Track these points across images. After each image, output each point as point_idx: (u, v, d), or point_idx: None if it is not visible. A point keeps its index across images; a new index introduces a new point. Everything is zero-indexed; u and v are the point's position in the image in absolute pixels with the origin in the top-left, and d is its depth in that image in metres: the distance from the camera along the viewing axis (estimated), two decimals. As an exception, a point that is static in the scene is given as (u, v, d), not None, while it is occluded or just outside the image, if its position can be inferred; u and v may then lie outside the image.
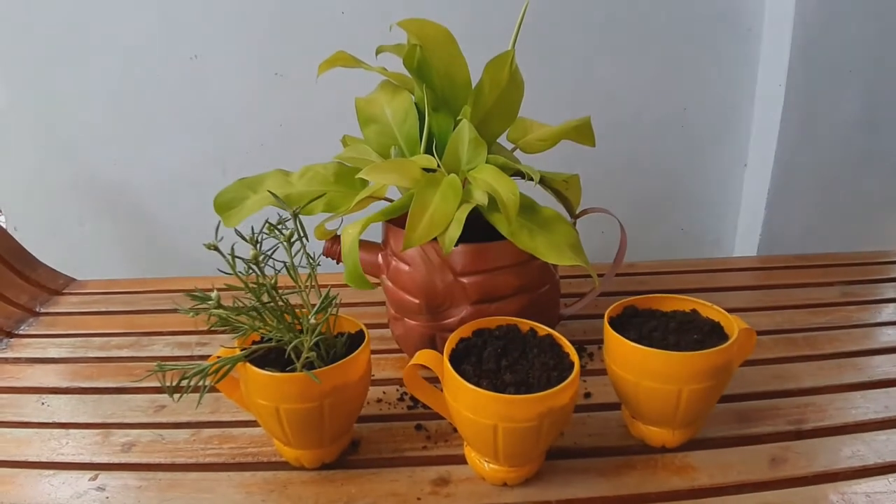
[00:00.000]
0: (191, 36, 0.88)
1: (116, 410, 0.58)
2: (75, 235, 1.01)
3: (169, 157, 0.95)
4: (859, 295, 0.77)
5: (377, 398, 0.59)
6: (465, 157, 0.54)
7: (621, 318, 0.52)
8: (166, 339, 0.71)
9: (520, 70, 0.58)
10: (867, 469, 0.48)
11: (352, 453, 0.52)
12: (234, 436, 0.54)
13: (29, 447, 0.54)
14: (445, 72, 0.56)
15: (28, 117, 0.93)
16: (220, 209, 0.57)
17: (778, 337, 0.68)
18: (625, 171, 1.00)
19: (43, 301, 0.81)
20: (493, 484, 0.47)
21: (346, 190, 0.58)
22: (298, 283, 0.47)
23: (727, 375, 0.47)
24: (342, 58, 0.60)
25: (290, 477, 0.49)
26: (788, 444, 0.51)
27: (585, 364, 0.63)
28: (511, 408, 0.41)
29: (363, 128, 0.61)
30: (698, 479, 0.48)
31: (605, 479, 0.48)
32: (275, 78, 0.91)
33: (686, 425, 0.50)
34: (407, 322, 0.59)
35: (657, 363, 0.45)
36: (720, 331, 0.50)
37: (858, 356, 0.64)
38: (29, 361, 0.68)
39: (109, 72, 0.90)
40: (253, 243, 0.44)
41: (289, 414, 0.45)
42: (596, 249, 0.69)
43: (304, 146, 0.95)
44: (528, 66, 0.60)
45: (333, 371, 0.44)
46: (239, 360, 0.45)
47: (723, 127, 0.97)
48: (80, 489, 0.49)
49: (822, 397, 0.57)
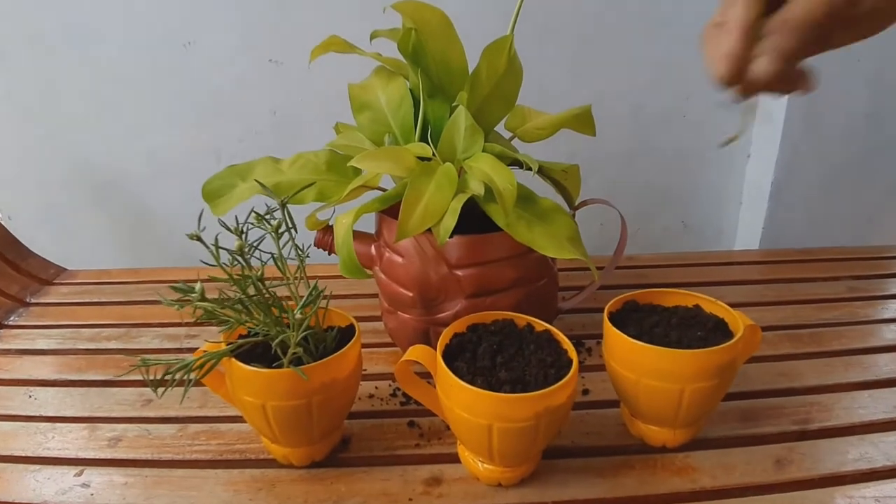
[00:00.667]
0: (184, 23, 0.87)
1: (104, 404, 0.57)
2: (68, 225, 0.99)
3: (163, 146, 0.94)
4: (866, 290, 0.75)
5: (369, 393, 0.57)
6: (462, 146, 0.53)
7: (621, 312, 0.50)
8: (156, 330, 0.70)
9: (518, 56, 0.56)
10: (875, 472, 0.47)
11: (342, 451, 0.50)
12: (222, 432, 0.53)
13: (15, 441, 0.52)
14: (441, 57, 0.54)
15: (20, 106, 0.92)
16: (208, 197, 0.56)
17: (782, 333, 0.66)
18: (626, 161, 0.98)
19: (34, 291, 0.80)
20: (488, 484, 0.46)
21: (339, 178, 0.56)
22: (286, 274, 0.46)
23: (731, 374, 0.46)
24: (335, 43, 0.58)
25: (279, 475, 0.48)
26: (793, 445, 0.50)
27: (584, 360, 0.61)
28: (507, 407, 0.40)
29: (356, 115, 0.59)
30: (700, 480, 0.46)
31: (603, 479, 0.47)
32: (269, 65, 0.89)
33: (688, 425, 0.48)
34: (400, 315, 0.57)
35: (658, 361, 0.44)
36: (724, 327, 0.48)
37: (865, 353, 0.62)
38: (18, 353, 0.66)
39: (103, 60, 0.89)
40: (238, 234, 0.42)
41: (276, 411, 0.43)
42: (595, 242, 0.67)
43: (299, 133, 0.93)
44: (528, 52, 0.58)
45: (322, 367, 0.43)
46: (224, 355, 0.43)
47: (726, 116, 0.95)
48: (64, 485, 0.47)
49: (829, 396, 0.56)
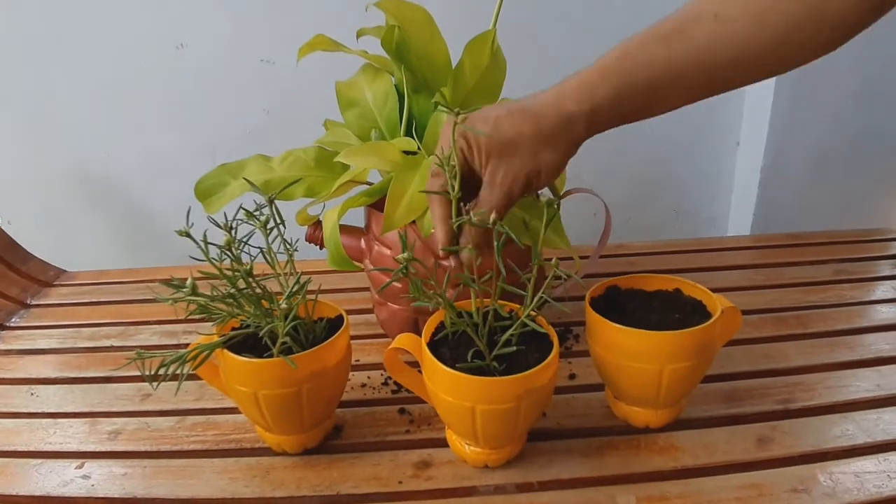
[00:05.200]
0: (176, 25, 0.88)
1: (103, 399, 0.59)
2: (67, 227, 1.01)
3: (158, 147, 0.95)
4: (853, 273, 0.76)
5: (361, 383, 0.59)
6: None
7: (604, 298, 0.52)
8: (153, 328, 0.71)
9: (502, 50, 0.57)
10: (856, 448, 0.48)
11: (335, 438, 0.52)
12: (218, 423, 0.54)
13: (18, 437, 0.54)
14: (424, 53, 0.55)
15: (18, 110, 0.93)
16: (200, 196, 0.57)
17: (768, 316, 0.67)
18: (616, 151, 0.99)
19: (34, 293, 0.81)
20: (475, 466, 0.47)
21: (327, 174, 0.58)
22: (276, 268, 0.47)
23: (710, 354, 0.47)
24: (322, 41, 0.59)
25: (273, 462, 0.49)
26: (776, 424, 0.51)
27: (571, 346, 0.63)
28: (488, 390, 0.41)
29: (344, 111, 0.60)
30: (682, 459, 0.47)
31: (587, 459, 0.48)
32: (261, 64, 0.90)
33: (669, 405, 0.49)
34: (390, 306, 0.59)
35: (637, 343, 0.45)
36: (703, 310, 0.49)
37: (850, 334, 0.63)
38: (20, 353, 0.68)
39: (97, 63, 0.90)
40: (226, 229, 0.43)
41: (267, 400, 0.45)
42: (589, 232, 0.68)
43: (292, 131, 0.93)
44: (511, 45, 0.59)
45: (311, 356, 0.44)
46: (216, 347, 0.44)
47: (714, 104, 0.96)
48: (66, 477, 0.49)
49: (812, 376, 0.56)
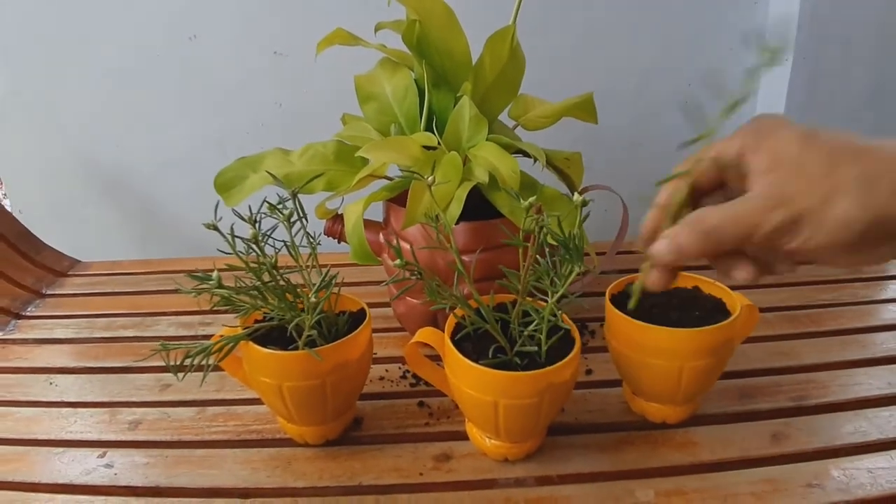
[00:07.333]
0: (189, 16, 0.88)
1: (123, 389, 0.59)
2: (79, 217, 1.01)
3: (170, 138, 0.95)
4: (866, 271, 0.76)
5: (380, 376, 0.59)
6: (466, 135, 0.54)
7: (623, 294, 0.52)
8: (170, 319, 0.72)
9: (521, 46, 0.58)
10: (869, 445, 0.48)
11: (355, 430, 0.52)
12: (239, 413, 0.55)
13: (38, 426, 0.54)
14: (445, 47, 0.56)
15: (30, 101, 0.93)
16: (220, 189, 0.57)
17: (781, 314, 0.67)
18: (628, 147, 0.99)
19: (49, 283, 0.82)
20: (495, 459, 0.48)
21: (347, 168, 0.58)
22: (299, 262, 0.47)
23: (728, 352, 0.47)
24: (340, 35, 0.59)
25: (294, 453, 0.50)
26: (790, 420, 0.51)
27: (587, 342, 0.63)
28: (512, 385, 0.42)
29: (363, 105, 0.60)
30: (699, 454, 0.48)
31: (605, 454, 0.48)
32: (274, 57, 0.90)
33: (687, 401, 0.50)
34: (409, 300, 0.59)
35: (658, 339, 0.45)
36: (722, 307, 0.49)
37: (863, 333, 0.63)
38: (36, 342, 0.68)
39: (109, 54, 0.90)
40: (251, 223, 0.44)
41: (292, 391, 0.45)
42: (599, 228, 0.68)
43: (304, 125, 0.94)
44: (530, 41, 0.59)
45: (335, 349, 0.44)
46: (241, 339, 0.45)
47: (728, 102, 0.96)
48: (88, 466, 0.49)
49: (825, 374, 0.57)
